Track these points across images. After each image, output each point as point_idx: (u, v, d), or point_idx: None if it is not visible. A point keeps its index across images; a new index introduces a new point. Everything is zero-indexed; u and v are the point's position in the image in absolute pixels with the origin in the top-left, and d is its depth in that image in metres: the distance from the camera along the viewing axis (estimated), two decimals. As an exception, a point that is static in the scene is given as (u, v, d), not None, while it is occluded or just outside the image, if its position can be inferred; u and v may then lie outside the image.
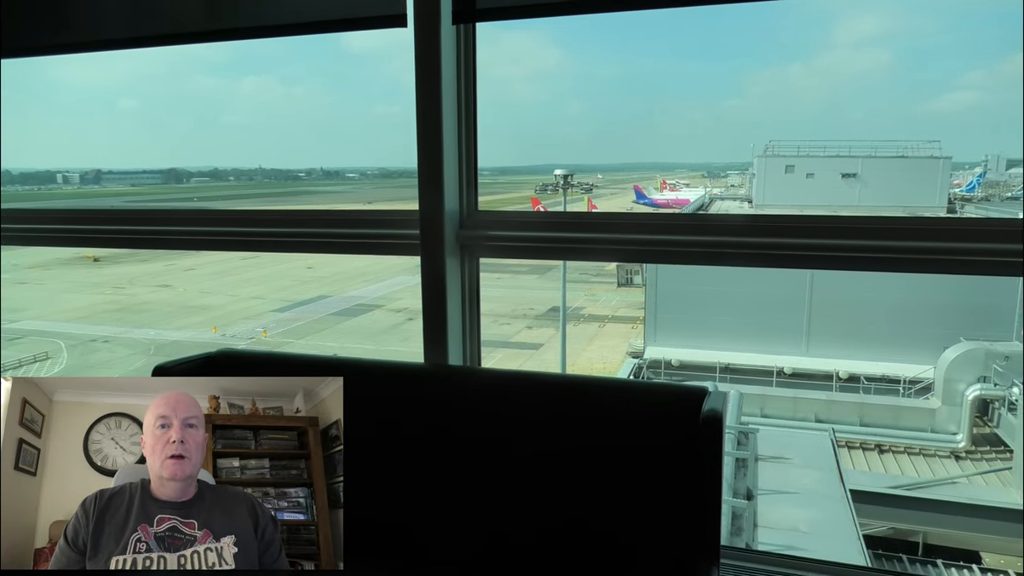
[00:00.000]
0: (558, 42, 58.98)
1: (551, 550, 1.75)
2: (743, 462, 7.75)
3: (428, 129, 2.16)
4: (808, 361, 14.80)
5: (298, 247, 2.75)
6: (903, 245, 1.96)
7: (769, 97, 41.23)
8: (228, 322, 23.88)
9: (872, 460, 12.35)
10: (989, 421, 12.87)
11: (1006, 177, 27.36)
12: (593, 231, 2.27)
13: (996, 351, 12.77)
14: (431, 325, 2.26)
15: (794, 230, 2.07)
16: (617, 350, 19.87)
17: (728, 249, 2.17)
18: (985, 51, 34.45)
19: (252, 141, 59.64)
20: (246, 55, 64.13)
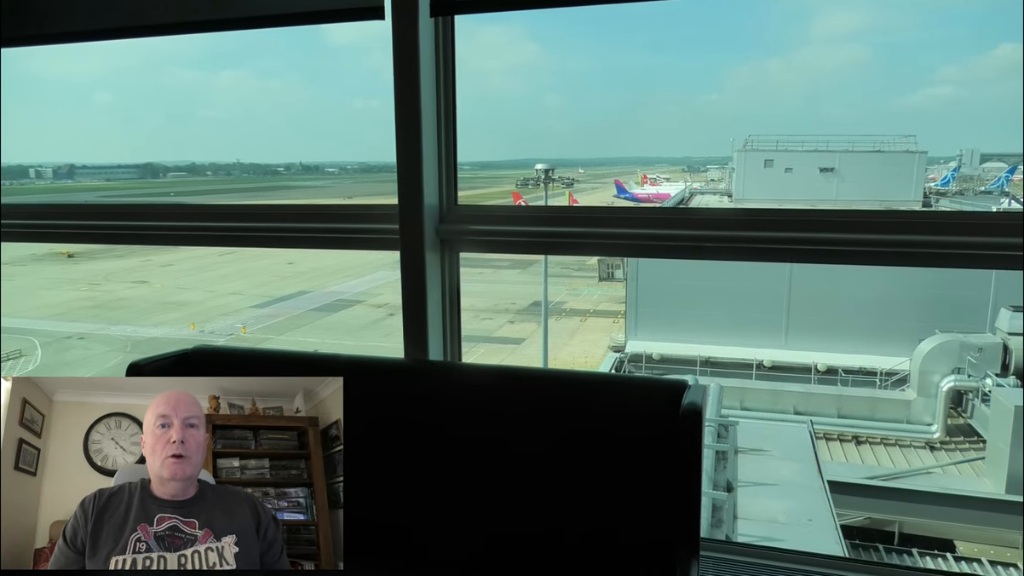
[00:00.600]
0: (536, 36, 58.94)
1: (532, 543, 1.75)
2: (723, 454, 7.82)
3: (407, 123, 2.15)
4: (787, 354, 14.97)
5: (277, 242, 2.72)
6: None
7: (748, 92, 41.55)
8: (207, 318, 23.62)
9: (849, 451, 12.53)
10: (963, 412, 13.10)
11: (980, 171, 27.83)
12: (574, 225, 2.27)
13: (970, 343, 13.00)
14: (411, 320, 2.25)
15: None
16: (599, 344, 19.94)
17: (709, 243, 2.18)
18: (959, 47, 34.98)
19: (230, 135, 58.98)
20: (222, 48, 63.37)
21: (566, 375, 1.96)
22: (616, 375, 2.61)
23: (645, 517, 1.66)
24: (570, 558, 1.72)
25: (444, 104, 2.23)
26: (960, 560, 9.17)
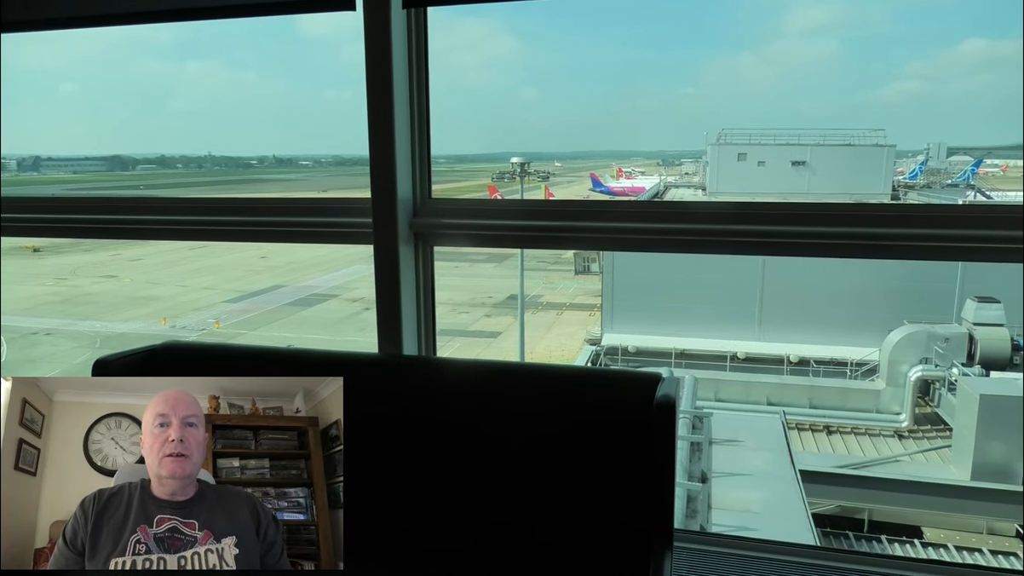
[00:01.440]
0: (514, 29, 58.78)
1: (508, 535, 1.75)
2: (698, 446, 7.92)
3: (379, 115, 2.12)
4: (760, 346, 15.17)
5: (249, 236, 2.68)
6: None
7: (722, 86, 41.88)
8: (178, 313, 23.27)
9: (821, 441, 12.74)
10: (930, 401, 13.39)
11: (946, 165, 28.39)
12: (549, 219, 2.26)
13: (937, 333, 13.28)
14: (385, 315, 2.23)
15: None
16: (575, 337, 20.01)
17: (684, 236, 2.19)
18: (926, 42, 35.60)
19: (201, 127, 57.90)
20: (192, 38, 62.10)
21: (540, 368, 1.96)
22: (590, 368, 2.61)
23: (619, 509, 1.67)
24: (545, 550, 1.72)
25: (417, 96, 2.21)
26: (927, 546, 9.40)
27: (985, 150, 30.23)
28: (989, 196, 22.74)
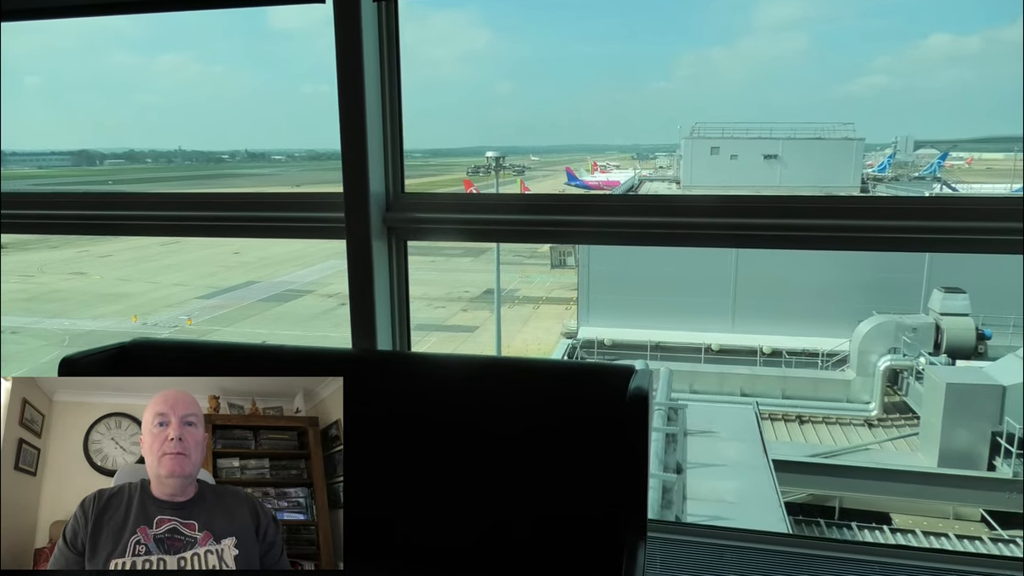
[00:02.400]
0: (487, 23, 58.53)
1: (485, 528, 1.76)
2: (673, 437, 7.99)
3: (350, 109, 2.11)
4: (734, 338, 15.33)
5: (220, 231, 2.64)
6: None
7: (694, 80, 42.17)
8: (149, 310, 22.91)
9: (793, 431, 12.94)
10: (899, 390, 13.66)
11: (914, 158, 28.96)
12: (523, 213, 2.26)
13: (905, 323, 13.54)
14: (358, 310, 2.22)
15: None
16: (552, 331, 20.07)
17: (659, 229, 2.20)
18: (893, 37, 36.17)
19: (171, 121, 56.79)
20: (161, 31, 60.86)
21: (515, 362, 1.96)
22: (565, 361, 2.62)
23: (593, 500, 1.68)
24: (520, 542, 1.73)
25: (389, 90, 2.20)
26: (896, 531, 9.60)
27: (951, 143, 30.87)
28: (955, 188, 23.22)
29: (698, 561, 2.27)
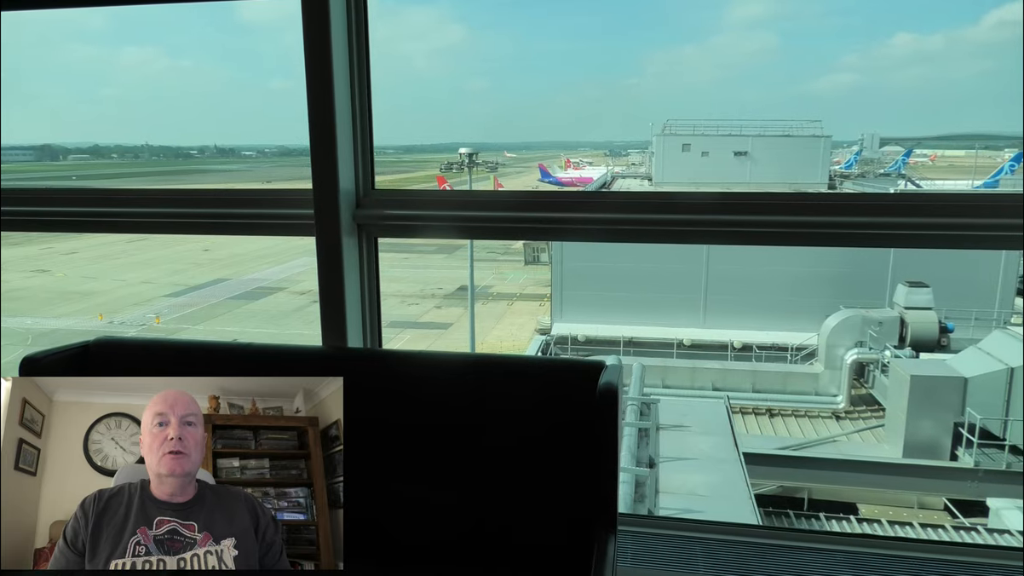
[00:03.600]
0: (461, 18, 58.32)
1: (453, 523, 1.76)
2: (645, 431, 8.06)
3: (319, 105, 2.09)
4: (705, 333, 15.51)
5: (187, 228, 2.61)
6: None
7: (666, 77, 42.51)
8: (115, 309, 22.47)
9: (764, 424, 13.14)
10: (865, 383, 13.93)
11: (879, 155, 29.54)
12: (494, 210, 2.27)
13: (871, 317, 13.81)
14: (329, 308, 2.20)
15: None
16: (525, 328, 20.11)
17: (631, 226, 2.21)
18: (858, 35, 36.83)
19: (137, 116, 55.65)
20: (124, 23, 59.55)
21: (485, 359, 1.96)
22: (536, 357, 2.63)
23: (564, 495, 1.69)
24: (490, 536, 1.74)
25: (359, 85, 2.18)
26: (862, 521, 9.80)
27: (915, 140, 31.56)
28: (919, 185, 23.74)
29: (669, 554, 2.30)
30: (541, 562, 1.68)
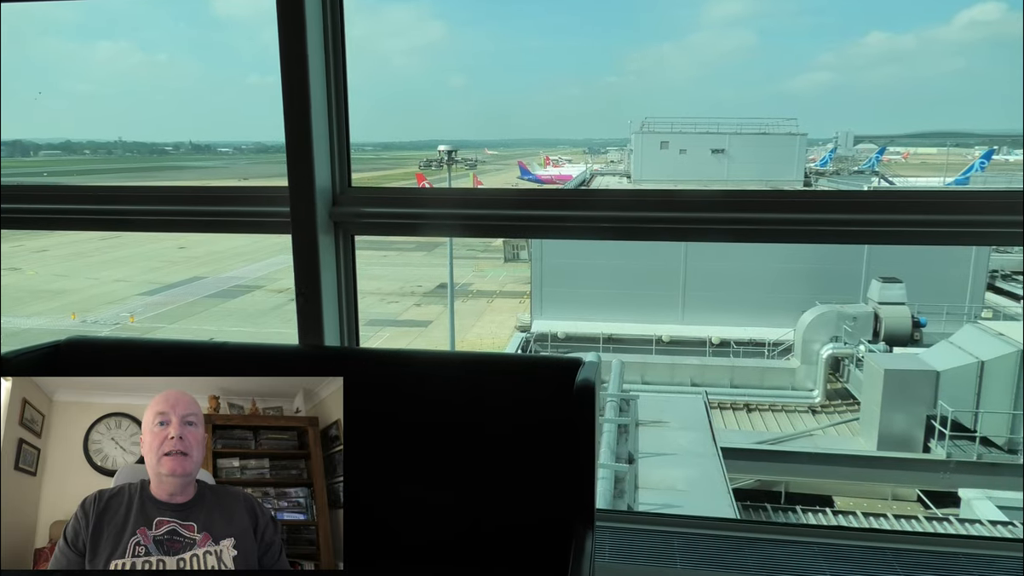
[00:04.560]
0: (441, 15, 58.11)
1: (431, 521, 1.76)
2: (625, 428, 8.11)
3: (295, 101, 2.07)
4: (684, 329, 15.62)
5: (160, 226, 2.58)
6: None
7: (644, 75, 42.72)
8: (88, 307, 22.11)
9: (741, 419, 13.27)
10: (840, 377, 14.12)
11: (853, 152, 29.96)
12: (471, 207, 2.26)
13: (846, 313, 14.01)
14: (305, 306, 2.18)
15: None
16: (505, 325, 20.11)
17: (611, 223, 2.22)
18: (833, 34, 37.33)
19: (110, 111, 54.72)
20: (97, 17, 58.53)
21: (461, 356, 1.97)
22: (513, 354, 2.64)
23: (542, 492, 1.70)
24: (468, 534, 1.74)
25: (335, 82, 2.16)
26: (838, 514, 9.94)
27: (888, 138, 32.05)
28: (892, 182, 24.11)
29: (647, 548, 2.32)
30: (519, 558, 1.68)
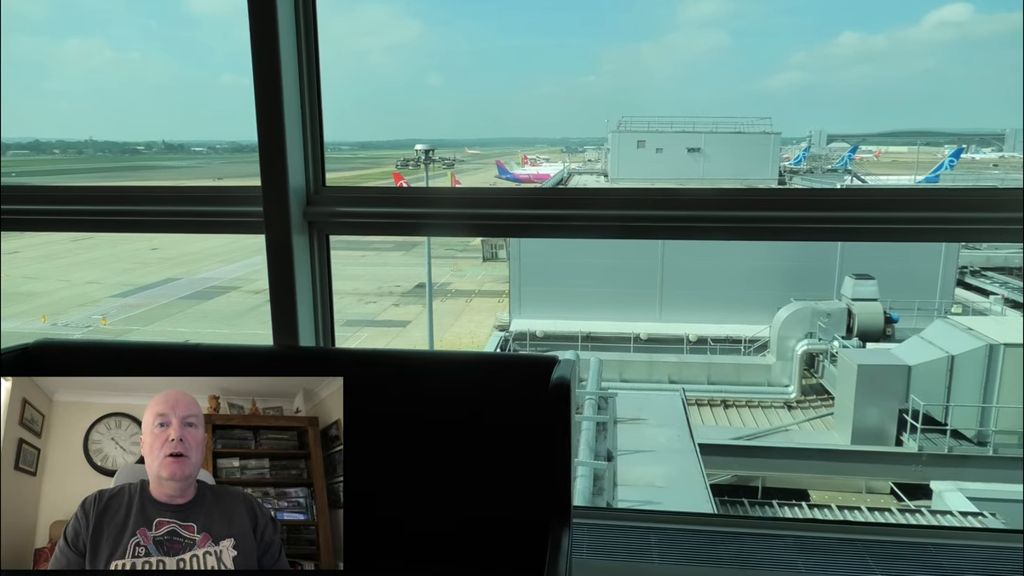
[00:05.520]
0: (418, 13, 57.93)
1: (406, 521, 1.75)
2: (603, 425, 8.14)
3: (267, 100, 2.04)
4: (662, 327, 15.73)
5: (130, 227, 2.53)
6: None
7: (621, 74, 42.96)
8: (60, 310, 21.72)
9: (718, 415, 13.41)
10: (815, 373, 14.33)
11: (827, 151, 30.42)
12: (446, 206, 2.26)
13: (820, 309, 14.21)
14: (279, 307, 2.16)
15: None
16: (484, 324, 20.11)
17: (585, 222, 2.23)
18: (807, 34, 37.86)
19: (81, 110, 53.73)
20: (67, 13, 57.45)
21: (435, 356, 1.96)
22: (490, 353, 2.63)
23: (519, 490, 1.70)
24: (446, 533, 1.73)
25: (308, 80, 2.14)
26: (813, 507, 10.07)
27: (860, 137, 32.57)
28: (864, 180, 24.49)
29: (625, 544, 2.33)
30: (497, 556, 1.69)
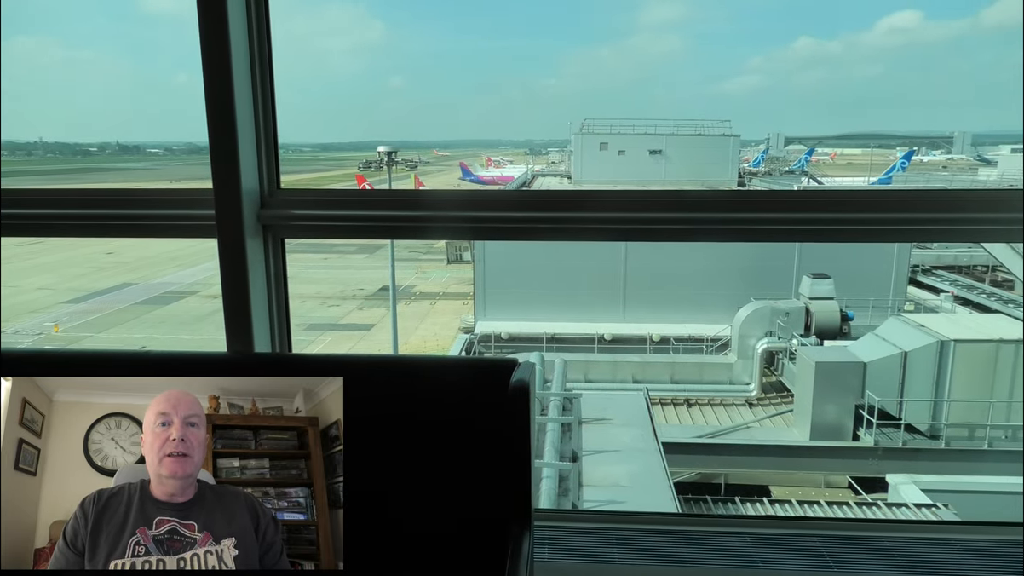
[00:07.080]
0: (381, 15, 57.51)
1: (371, 522, 1.73)
2: (568, 426, 8.16)
3: (218, 100, 1.99)
4: (625, 327, 15.88)
5: (77, 231, 2.44)
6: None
7: (583, 77, 43.30)
8: (8, 317, 21.00)
9: (682, 414, 13.58)
10: (775, 370, 14.61)
11: (784, 153, 31.11)
12: (405, 209, 2.23)
13: (779, 308, 14.51)
14: (233, 312, 2.11)
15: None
16: (449, 327, 20.06)
17: (549, 224, 2.22)
18: (763, 39, 38.70)
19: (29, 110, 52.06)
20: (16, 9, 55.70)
21: (394, 360, 1.94)
22: (449, 356, 2.63)
23: (479, 494, 1.69)
24: (405, 539, 1.71)
25: (261, 79, 2.09)
26: (775, 503, 10.27)
27: (816, 139, 33.39)
28: (820, 182, 25.09)
29: (587, 546, 2.33)
30: (456, 562, 1.67)
